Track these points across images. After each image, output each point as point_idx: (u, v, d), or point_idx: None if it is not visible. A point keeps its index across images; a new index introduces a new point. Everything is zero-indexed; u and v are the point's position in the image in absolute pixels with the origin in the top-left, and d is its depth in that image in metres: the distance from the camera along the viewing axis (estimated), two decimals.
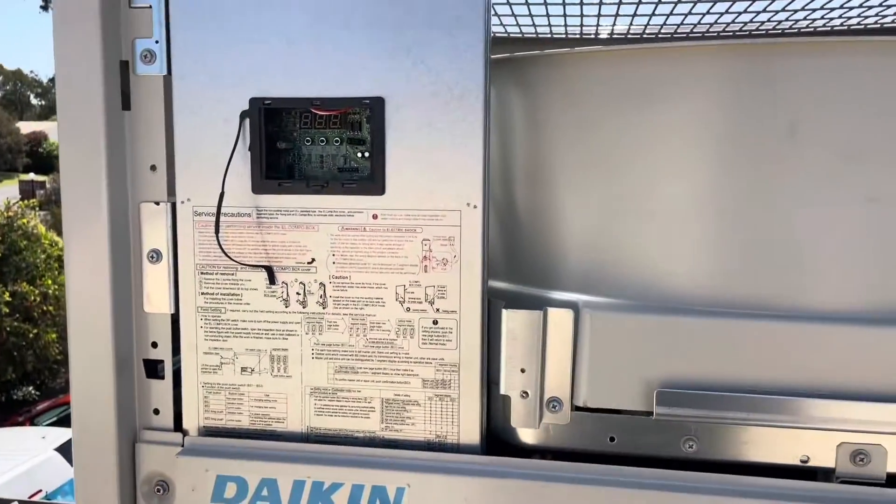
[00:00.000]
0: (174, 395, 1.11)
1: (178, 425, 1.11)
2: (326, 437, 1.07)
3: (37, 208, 18.19)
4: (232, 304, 1.07)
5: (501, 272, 1.14)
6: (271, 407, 1.08)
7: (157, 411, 1.11)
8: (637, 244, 1.04)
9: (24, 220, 14.47)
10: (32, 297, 13.68)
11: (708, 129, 1.00)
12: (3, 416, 13.26)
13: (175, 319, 1.09)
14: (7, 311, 13.30)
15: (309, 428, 1.08)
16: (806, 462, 0.97)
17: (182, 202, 1.06)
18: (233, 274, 1.07)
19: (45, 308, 14.14)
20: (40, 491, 7.96)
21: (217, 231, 1.03)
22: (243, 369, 1.08)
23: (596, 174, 1.06)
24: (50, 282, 14.52)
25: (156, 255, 1.08)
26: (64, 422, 11.55)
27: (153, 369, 1.11)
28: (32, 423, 12.01)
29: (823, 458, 0.97)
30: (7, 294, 13.26)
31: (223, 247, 1.04)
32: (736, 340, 0.97)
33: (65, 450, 9.97)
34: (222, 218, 1.04)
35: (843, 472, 0.97)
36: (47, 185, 25.64)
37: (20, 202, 15.63)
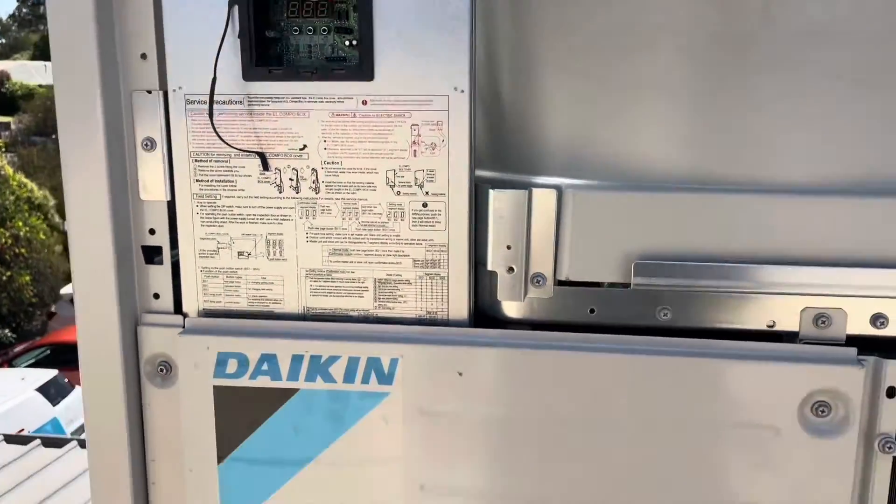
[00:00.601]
0: (173, 281, 1.15)
1: (178, 309, 1.15)
2: (322, 316, 1.12)
3: (2, 149, 17.76)
4: (227, 190, 1.10)
5: (487, 160, 1.18)
6: (268, 289, 1.13)
7: (157, 296, 1.15)
8: (616, 129, 1.08)
9: None
10: (3, 240, 13.52)
11: (684, 12, 1.03)
12: None
13: (171, 207, 1.13)
14: None
15: (305, 308, 1.13)
16: (772, 326, 1.05)
17: (174, 90, 1.08)
18: (227, 161, 1.10)
19: (16, 250, 13.98)
20: (22, 430, 8.04)
21: (211, 115, 1.05)
22: (240, 253, 1.12)
23: (578, 61, 1.09)
24: (21, 224, 14.32)
25: (150, 144, 1.11)
26: (42, 363, 11.57)
27: (152, 255, 1.15)
28: (10, 366, 12.03)
29: (788, 322, 1.04)
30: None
31: (218, 132, 1.06)
32: (708, 214, 1.03)
33: (45, 390, 10.04)
34: (215, 106, 1.07)
35: (807, 334, 1.04)
36: (13, 127, 24.92)
37: None
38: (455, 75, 1.03)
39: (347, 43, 1.07)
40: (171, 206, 1.13)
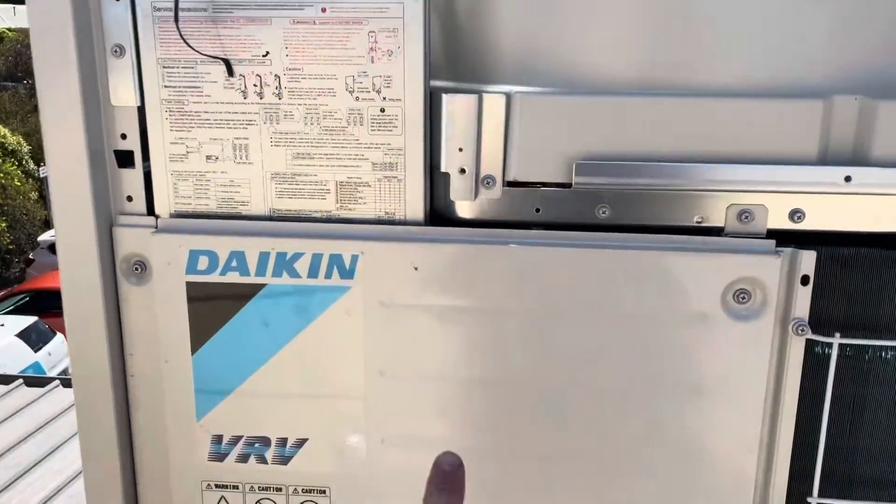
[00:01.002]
0: (146, 184, 1.21)
1: (150, 211, 1.22)
2: (287, 216, 1.20)
3: None
4: (194, 96, 1.16)
5: (443, 70, 1.24)
6: (236, 191, 1.20)
7: (130, 198, 1.22)
8: (560, 38, 1.15)
9: None
10: None
11: None
12: None
13: (141, 112, 1.18)
14: None
15: (271, 209, 1.20)
16: (701, 222, 1.14)
17: None
18: (193, 67, 1.15)
19: None
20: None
21: (177, 21, 1.11)
22: (208, 157, 1.19)
23: None
24: None
25: (119, 50, 1.16)
26: (21, 310, 11.57)
27: (124, 159, 1.21)
28: None
29: (715, 218, 1.14)
30: None
31: (185, 38, 1.12)
32: (643, 117, 1.11)
33: (25, 336, 10.07)
34: (180, 13, 1.12)
35: (731, 229, 1.14)
36: None
37: None
38: None
39: None
40: (142, 111, 1.18)
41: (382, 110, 1.15)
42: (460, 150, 1.14)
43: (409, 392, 1.21)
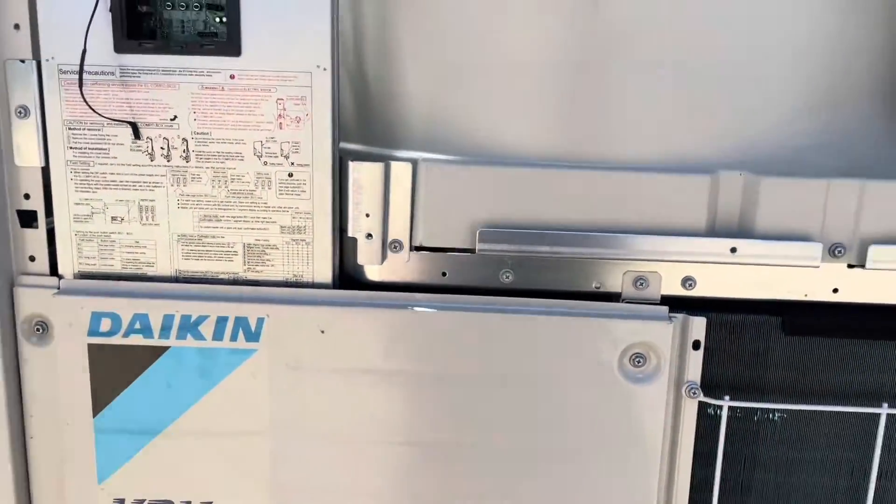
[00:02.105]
0: (49, 244, 1.20)
1: (53, 271, 1.20)
2: (194, 278, 1.20)
3: None
4: (100, 157, 1.16)
5: (354, 134, 1.27)
6: (141, 252, 1.19)
7: (32, 258, 1.20)
8: (466, 109, 1.19)
9: None
10: None
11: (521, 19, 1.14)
12: None
13: (46, 173, 1.17)
14: None
15: (177, 271, 1.20)
16: (599, 288, 1.18)
17: (47, 60, 1.12)
18: (99, 129, 1.15)
19: None
20: None
21: (81, 85, 1.11)
22: (113, 218, 1.18)
23: (433, 44, 1.19)
24: None
25: (23, 111, 1.15)
26: None
27: (27, 219, 1.19)
28: None
29: (612, 284, 1.18)
30: None
31: (88, 101, 1.12)
32: (543, 187, 1.15)
33: None
34: (88, 76, 1.12)
35: (628, 294, 1.18)
36: None
37: None
38: (317, 54, 1.12)
39: (218, 20, 1.14)
40: (46, 172, 1.17)
41: (290, 175, 1.16)
42: (367, 215, 1.16)
43: (314, 453, 1.21)
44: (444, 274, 1.20)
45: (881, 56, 1.16)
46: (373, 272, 1.21)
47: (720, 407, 1.17)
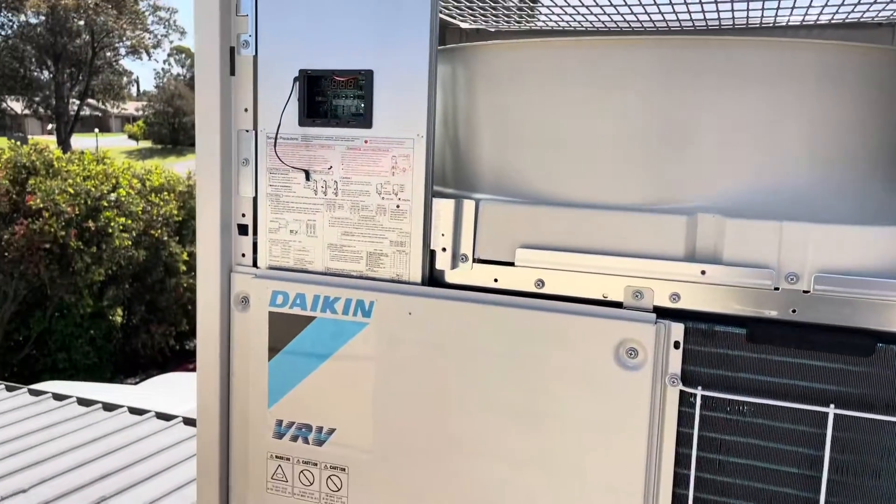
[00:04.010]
0: (253, 246, 1.88)
1: (254, 264, 1.88)
2: (335, 272, 1.79)
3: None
4: (286, 192, 1.82)
5: (446, 180, 1.80)
6: (306, 254, 1.82)
7: (243, 255, 1.89)
8: (516, 168, 1.67)
9: None
10: None
11: (565, 109, 1.61)
12: (177, 362, 15.33)
13: (255, 201, 1.86)
14: (184, 269, 15.22)
15: (326, 267, 1.81)
16: (606, 297, 1.57)
17: (262, 130, 1.82)
18: (286, 174, 1.81)
19: None
20: None
21: (275, 146, 1.78)
22: (291, 231, 1.83)
23: (498, 126, 1.70)
24: None
25: (245, 162, 1.85)
26: None
27: (242, 230, 1.88)
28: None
29: (615, 294, 1.56)
30: (185, 254, 15.22)
31: (280, 157, 1.79)
32: (566, 221, 1.58)
33: None
34: (281, 140, 1.79)
35: (628, 304, 1.56)
36: None
37: None
38: (418, 126, 1.68)
39: (361, 104, 1.75)
40: (255, 200, 1.86)
41: (398, 206, 1.72)
42: (443, 235, 1.68)
43: (401, 390, 1.72)
44: (495, 280, 1.67)
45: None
46: (449, 276, 1.72)
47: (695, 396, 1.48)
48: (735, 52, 1.53)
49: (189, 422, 5.46)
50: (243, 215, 1.88)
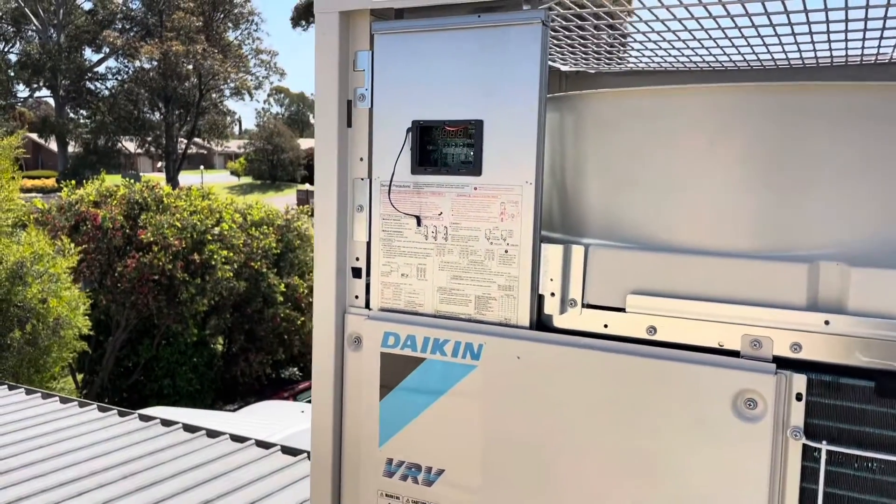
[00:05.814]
0: (365, 288, 1.95)
1: (367, 305, 1.95)
2: (444, 315, 1.84)
3: (310, 213, 21.25)
4: (398, 237, 1.88)
5: (554, 225, 1.83)
6: (416, 297, 1.88)
7: (357, 297, 1.96)
8: (626, 213, 1.68)
9: (299, 224, 16.80)
10: (301, 289, 16.07)
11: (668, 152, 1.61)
12: (273, 390, 15.80)
13: (368, 246, 1.94)
14: (281, 299, 15.75)
15: (436, 310, 1.85)
16: (722, 345, 1.55)
17: (376, 178, 1.90)
18: (399, 220, 1.88)
19: (311, 300, 16.51)
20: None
21: (389, 193, 1.85)
22: (402, 275, 1.89)
23: (604, 173, 1.71)
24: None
25: (361, 208, 1.93)
26: None
27: (356, 273, 1.96)
28: (295, 399, 14.08)
29: (732, 343, 1.53)
30: (282, 285, 15.76)
31: (393, 203, 1.86)
32: (678, 267, 1.57)
33: None
34: (394, 188, 1.86)
35: (745, 353, 1.52)
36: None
37: (297, 208, 18.37)
38: (526, 173, 1.71)
39: (471, 153, 1.81)
40: (369, 245, 1.94)
41: (506, 251, 1.76)
42: (551, 280, 1.70)
43: (508, 428, 1.73)
44: (605, 325, 1.67)
45: None
46: (557, 320, 1.73)
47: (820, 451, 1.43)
48: (853, 96, 1.50)
49: (287, 450, 5.65)
50: (357, 259, 1.96)
